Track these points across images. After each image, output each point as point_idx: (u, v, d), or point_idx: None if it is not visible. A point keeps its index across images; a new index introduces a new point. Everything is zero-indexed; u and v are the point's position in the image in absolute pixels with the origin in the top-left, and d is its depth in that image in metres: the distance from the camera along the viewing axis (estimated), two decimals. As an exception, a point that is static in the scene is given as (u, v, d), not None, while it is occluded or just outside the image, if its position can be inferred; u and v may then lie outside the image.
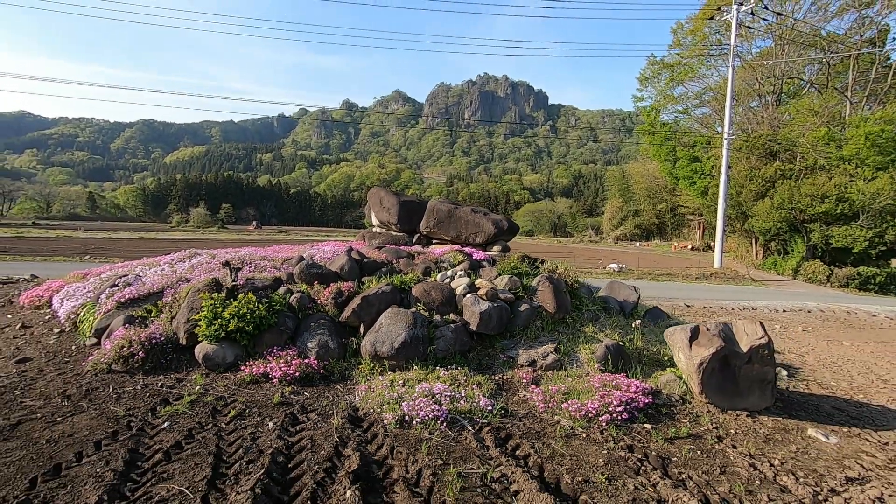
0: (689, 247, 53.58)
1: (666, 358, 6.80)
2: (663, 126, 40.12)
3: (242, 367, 5.59)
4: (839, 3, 33.46)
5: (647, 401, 5.45)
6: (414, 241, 11.27)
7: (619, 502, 3.60)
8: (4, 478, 3.44)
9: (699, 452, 4.57)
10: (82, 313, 6.95)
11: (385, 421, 4.63)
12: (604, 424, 4.88)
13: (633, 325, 7.33)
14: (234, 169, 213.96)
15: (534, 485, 3.66)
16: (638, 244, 65.03)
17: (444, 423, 4.61)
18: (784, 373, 8.05)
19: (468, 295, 6.89)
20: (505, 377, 6.02)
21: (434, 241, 11.26)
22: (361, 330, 6.39)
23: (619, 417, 4.99)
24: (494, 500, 3.53)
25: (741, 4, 26.48)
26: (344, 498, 3.37)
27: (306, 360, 5.70)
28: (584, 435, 4.71)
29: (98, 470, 3.58)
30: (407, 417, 4.63)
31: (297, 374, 5.48)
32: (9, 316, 8.02)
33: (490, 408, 5.02)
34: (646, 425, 5.04)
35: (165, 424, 4.39)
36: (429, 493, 3.55)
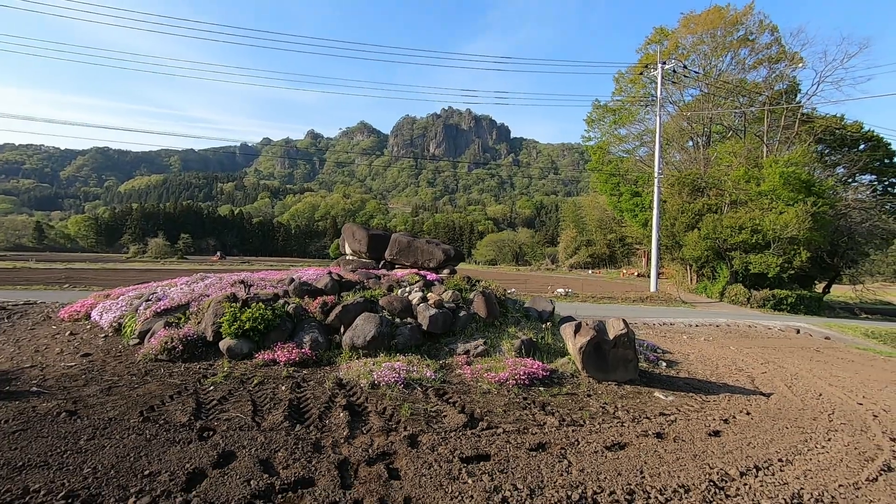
0: (636, 273, 57.70)
1: (568, 350, 9.24)
2: (608, 164, 44.24)
3: (256, 356, 7.67)
4: (753, 60, 38.83)
5: (545, 374, 7.82)
6: (380, 266, 13.52)
7: (508, 420, 5.92)
8: (123, 412, 5.45)
9: (570, 401, 6.95)
10: (125, 321, 8.84)
11: (361, 384, 6.82)
12: (510, 386, 7.22)
13: (545, 327, 9.79)
14: (194, 198, 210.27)
15: (455, 411, 5.97)
16: (590, 272, 69.00)
17: (402, 385, 6.84)
18: (664, 364, 10.60)
19: (421, 304, 9.21)
20: (447, 361, 8.30)
21: (396, 266, 13.54)
22: (342, 330, 8.57)
23: (522, 382, 7.34)
24: (431, 419, 5.78)
25: (664, 64, 30.71)
26: (339, 417, 5.56)
27: (303, 350, 7.83)
28: (496, 392, 7.03)
29: (180, 407, 5.64)
30: (376, 382, 6.84)
31: (297, 359, 7.60)
32: (53, 327, 9.75)
33: (434, 377, 7.28)
34: (540, 388, 7.41)
35: (211, 388, 6.46)
36: (391, 417, 5.77)
